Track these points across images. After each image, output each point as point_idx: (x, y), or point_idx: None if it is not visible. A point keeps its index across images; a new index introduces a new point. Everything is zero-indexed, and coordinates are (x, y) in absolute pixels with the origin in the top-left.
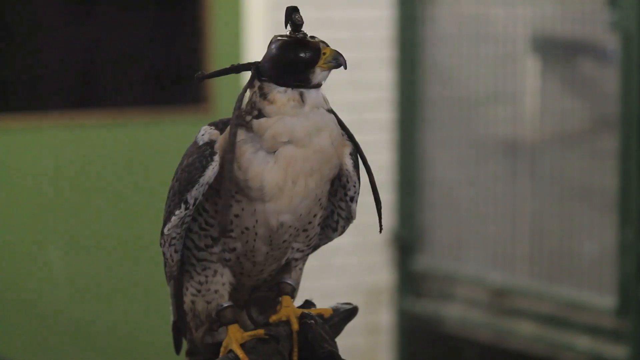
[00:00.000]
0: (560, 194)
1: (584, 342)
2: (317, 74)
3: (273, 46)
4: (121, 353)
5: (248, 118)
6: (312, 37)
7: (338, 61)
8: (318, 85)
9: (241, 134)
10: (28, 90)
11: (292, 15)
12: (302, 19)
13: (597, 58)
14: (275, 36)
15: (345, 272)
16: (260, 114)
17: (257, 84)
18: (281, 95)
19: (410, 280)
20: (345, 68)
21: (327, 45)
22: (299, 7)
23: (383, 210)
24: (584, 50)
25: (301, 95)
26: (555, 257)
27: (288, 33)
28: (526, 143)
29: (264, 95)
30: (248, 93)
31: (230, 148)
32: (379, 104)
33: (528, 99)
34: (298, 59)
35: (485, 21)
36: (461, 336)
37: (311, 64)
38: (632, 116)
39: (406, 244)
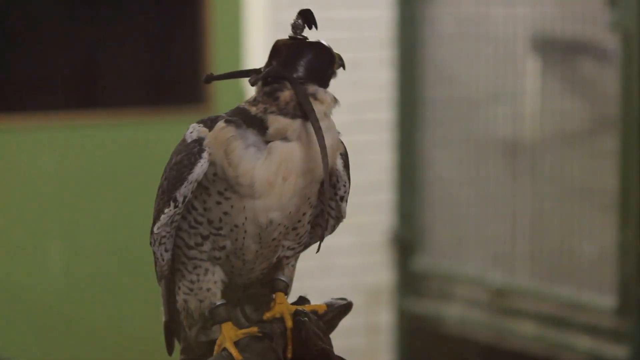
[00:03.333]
0: (560, 194)
1: (584, 342)
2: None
3: (305, 49)
4: (121, 353)
5: (259, 114)
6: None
7: (342, 62)
8: None
9: (231, 131)
10: (28, 90)
11: (308, 17)
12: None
13: (597, 58)
14: (284, 39)
15: (345, 272)
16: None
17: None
18: (327, 96)
19: (410, 280)
20: (344, 69)
21: None
22: (298, 8)
23: (382, 210)
24: (584, 50)
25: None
26: (555, 257)
27: (289, 36)
28: (526, 143)
29: (313, 95)
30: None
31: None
32: (379, 104)
33: (528, 99)
34: (333, 61)
35: (485, 21)
36: (461, 336)
37: (333, 65)
38: (632, 116)
39: (406, 244)
